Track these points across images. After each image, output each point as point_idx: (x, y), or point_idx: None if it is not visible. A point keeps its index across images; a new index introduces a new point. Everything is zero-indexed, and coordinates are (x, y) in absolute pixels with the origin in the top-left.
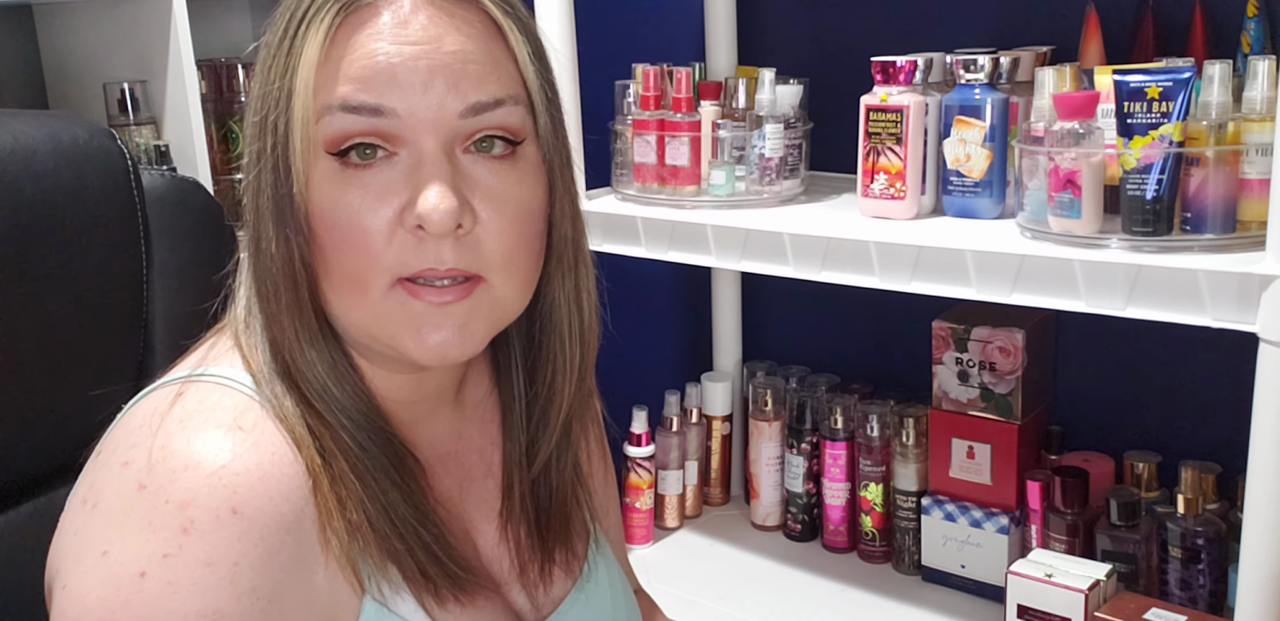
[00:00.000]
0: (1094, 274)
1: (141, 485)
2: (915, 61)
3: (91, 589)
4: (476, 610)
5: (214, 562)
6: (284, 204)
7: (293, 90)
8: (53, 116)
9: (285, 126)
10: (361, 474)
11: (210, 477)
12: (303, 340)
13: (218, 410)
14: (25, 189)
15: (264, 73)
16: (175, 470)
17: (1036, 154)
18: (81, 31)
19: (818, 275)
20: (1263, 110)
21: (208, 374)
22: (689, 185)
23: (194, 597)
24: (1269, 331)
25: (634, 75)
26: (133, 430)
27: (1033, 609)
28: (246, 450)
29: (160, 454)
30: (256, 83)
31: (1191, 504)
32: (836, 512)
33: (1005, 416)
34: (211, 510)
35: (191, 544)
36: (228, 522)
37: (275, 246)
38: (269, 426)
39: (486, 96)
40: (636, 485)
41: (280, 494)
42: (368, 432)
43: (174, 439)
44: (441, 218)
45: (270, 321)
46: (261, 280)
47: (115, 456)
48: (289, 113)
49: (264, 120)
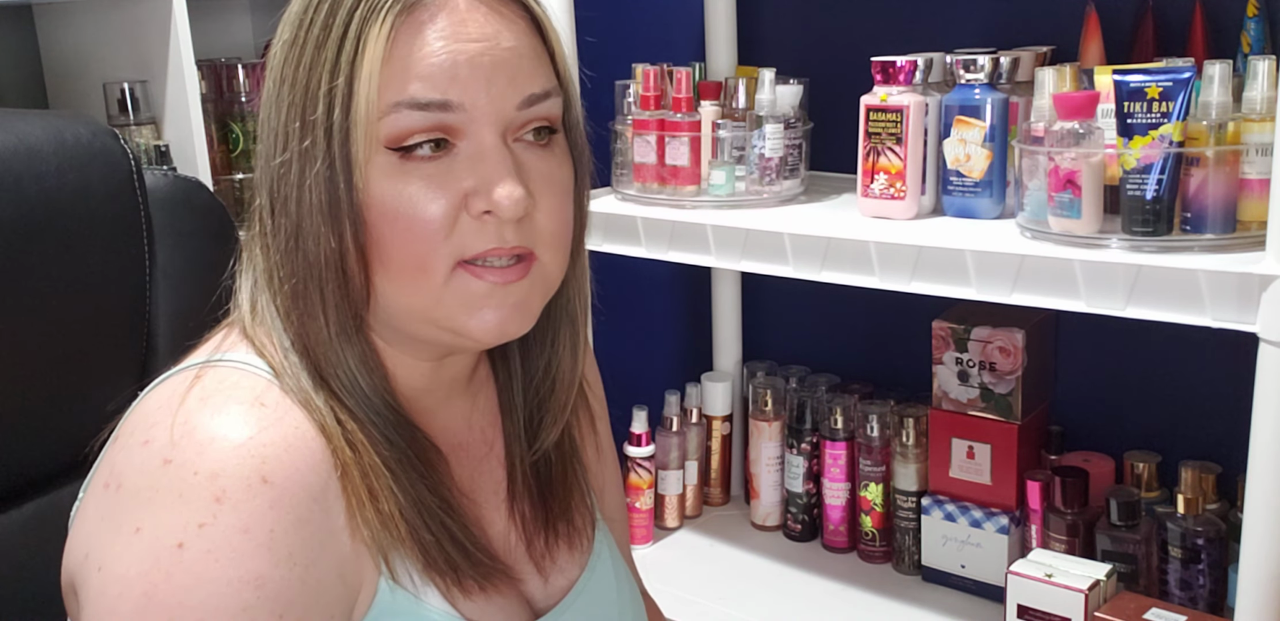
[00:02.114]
0: (1094, 274)
1: (167, 460)
2: (915, 61)
3: (131, 565)
4: (499, 597)
5: (250, 529)
6: (338, 199)
7: (353, 89)
8: (56, 116)
9: (344, 124)
10: (392, 467)
11: (239, 448)
12: (340, 334)
13: (238, 389)
14: (28, 188)
15: (304, 72)
16: (202, 443)
17: (1036, 154)
18: (81, 31)
19: (818, 275)
20: (1263, 110)
21: (225, 358)
22: (689, 185)
23: (235, 564)
24: (1269, 331)
25: (634, 75)
26: (150, 412)
27: (1033, 609)
28: (271, 423)
29: (183, 429)
30: (284, 83)
31: (1191, 504)
32: (836, 512)
33: (1005, 416)
34: (242, 479)
35: (225, 512)
36: (260, 491)
37: (323, 241)
38: (290, 405)
39: (538, 89)
40: (636, 485)
41: (307, 465)
42: (394, 425)
43: (196, 415)
44: (514, 205)
45: (304, 316)
46: (300, 276)
47: (134, 438)
48: (350, 110)
49: (310, 118)
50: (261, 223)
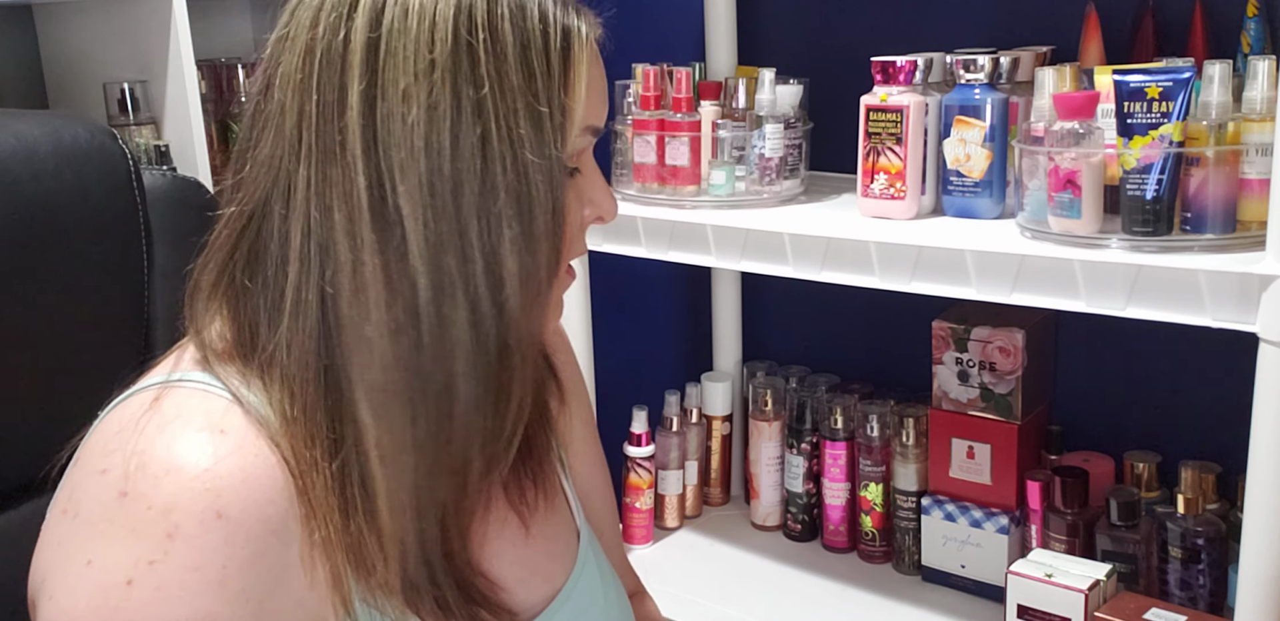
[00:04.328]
0: (1094, 274)
1: (122, 492)
2: (915, 61)
3: (79, 599)
4: (482, 611)
5: (202, 567)
6: (558, 209)
7: (567, 108)
8: (54, 116)
9: (561, 141)
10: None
11: (193, 482)
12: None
13: (196, 414)
14: (26, 189)
15: (484, 97)
16: (156, 475)
17: (1036, 154)
18: (81, 31)
19: (818, 275)
20: (1263, 110)
21: (185, 379)
22: (689, 185)
23: (184, 602)
24: (1269, 331)
25: (634, 75)
26: (109, 437)
27: (1033, 609)
28: (229, 453)
29: (139, 460)
30: (434, 109)
31: (1191, 504)
32: (836, 512)
33: (1005, 416)
34: (195, 514)
35: (177, 549)
36: (213, 527)
37: (534, 255)
38: (251, 429)
39: None
40: (636, 485)
41: (265, 496)
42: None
43: (153, 444)
44: (617, 211)
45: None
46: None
47: (93, 464)
48: (564, 129)
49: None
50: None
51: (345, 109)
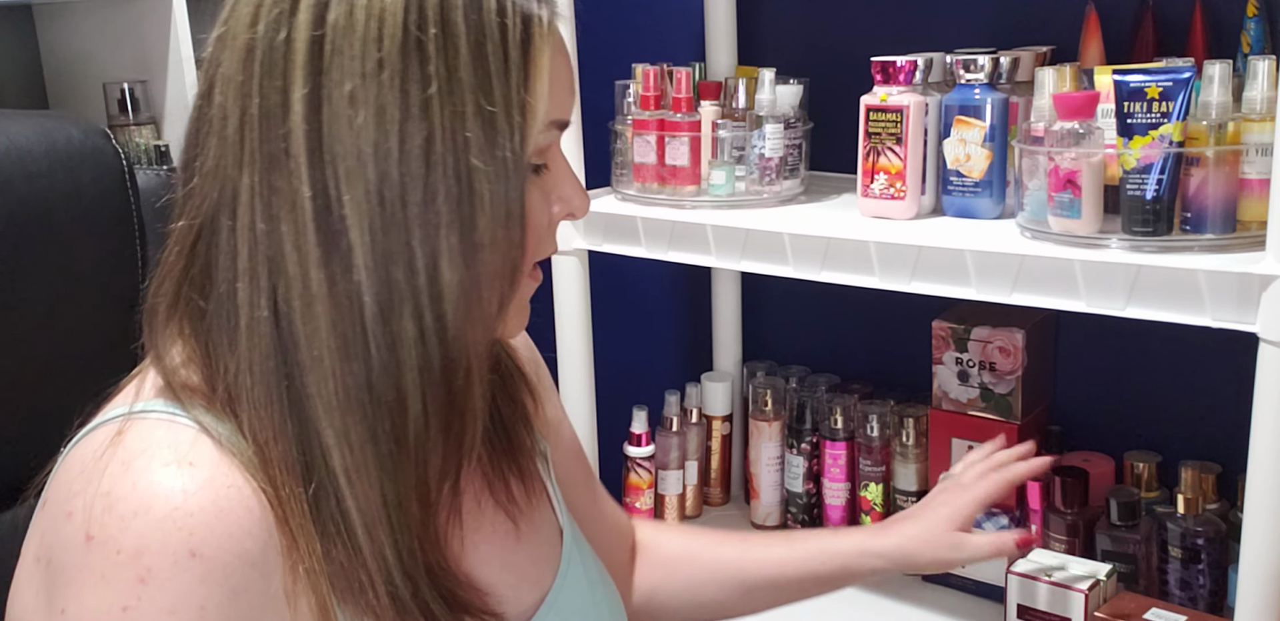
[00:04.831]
0: (1094, 274)
1: (89, 536)
2: (915, 61)
3: None
4: (470, 618)
5: (178, 610)
6: (513, 213)
7: (527, 105)
8: (47, 117)
9: (520, 141)
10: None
11: (163, 522)
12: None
13: (162, 449)
14: (19, 189)
15: (445, 94)
16: (124, 517)
17: (1036, 154)
18: (81, 31)
19: (818, 275)
20: (1263, 110)
21: (149, 410)
22: (689, 185)
23: None
24: (1269, 331)
25: (634, 75)
26: (73, 477)
27: (1033, 609)
28: (199, 487)
29: (105, 501)
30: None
31: (1191, 504)
32: (836, 512)
33: (1005, 416)
34: (168, 556)
35: (151, 594)
36: (188, 566)
37: (495, 256)
38: (222, 459)
39: None
40: (636, 485)
41: (241, 529)
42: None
43: (118, 483)
44: (589, 206)
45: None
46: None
47: (59, 507)
48: (524, 128)
49: (464, 136)
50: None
51: (289, 113)
